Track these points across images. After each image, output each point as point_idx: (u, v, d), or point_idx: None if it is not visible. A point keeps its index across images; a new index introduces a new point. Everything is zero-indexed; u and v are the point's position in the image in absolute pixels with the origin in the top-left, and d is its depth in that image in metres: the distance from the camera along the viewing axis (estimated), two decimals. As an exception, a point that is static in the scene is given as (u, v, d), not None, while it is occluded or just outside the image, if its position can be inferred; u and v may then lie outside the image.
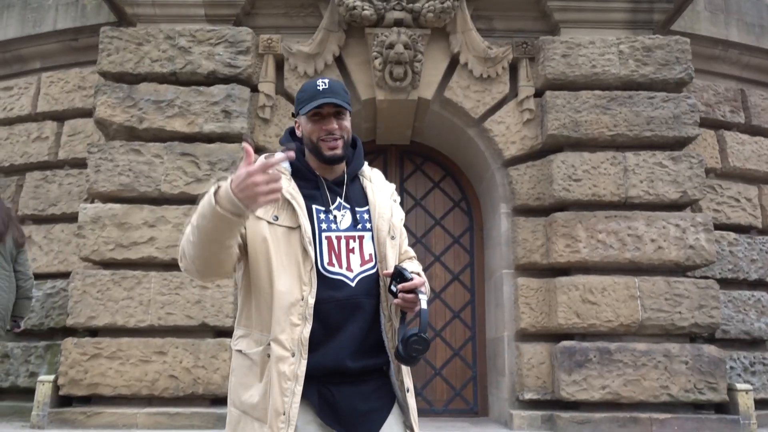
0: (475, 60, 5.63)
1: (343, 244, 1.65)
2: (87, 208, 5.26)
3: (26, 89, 6.44)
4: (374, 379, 1.65)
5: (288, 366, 1.53)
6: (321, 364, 1.57)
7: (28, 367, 5.57)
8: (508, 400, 5.32)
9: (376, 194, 1.77)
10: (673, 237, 5.25)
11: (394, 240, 1.72)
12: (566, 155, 5.45)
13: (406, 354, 1.53)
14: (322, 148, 1.69)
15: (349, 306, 1.61)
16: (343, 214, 1.69)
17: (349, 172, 1.77)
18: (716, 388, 5.01)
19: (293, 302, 1.56)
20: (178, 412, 4.86)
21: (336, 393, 1.58)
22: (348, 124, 1.74)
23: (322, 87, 1.71)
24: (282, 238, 1.61)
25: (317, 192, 1.70)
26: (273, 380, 1.54)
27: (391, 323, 1.65)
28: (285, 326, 1.55)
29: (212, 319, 5.04)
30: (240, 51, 5.50)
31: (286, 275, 1.58)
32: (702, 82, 6.27)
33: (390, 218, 1.73)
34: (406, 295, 1.57)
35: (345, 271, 1.63)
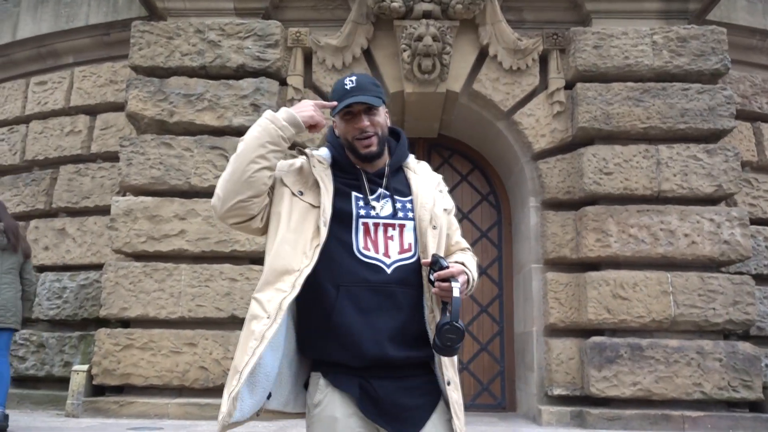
0: (505, 52, 5.57)
1: (381, 230, 1.65)
2: (119, 201, 5.34)
3: (60, 84, 6.56)
4: (419, 374, 1.63)
5: (260, 326, 1.53)
6: (359, 354, 1.56)
7: (63, 357, 5.69)
8: (536, 396, 5.28)
9: (420, 184, 1.76)
10: (707, 232, 5.14)
11: (436, 230, 1.70)
12: (597, 148, 5.36)
13: (442, 343, 1.51)
14: (358, 147, 1.70)
15: (383, 292, 1.59)
16: (383, 203, 1.69)
17: (390, 163, 1.76)
18: (751, 386, 4.91)
19: (288, 270, 1.57)
20: (207, 403, 4.92)
21: (378, 387, 1.57)
22: (381, 119, 1.73)
23: (350, 85, 1.71)
24: (299, 212, 1.63)
25: (357, 182, 1.70)
26: (242, 338, 1.56)
27: (433, 315, 1.63)
28: (271, 290, 1.56)
29: (241, 311, 5.08)
30: (269, 44, 5.51)
31: (290, 245, 1.59)
32: (738, 73, 6.11)
33: (432, 208, 1.72)
34: (441, 283, 1.55)
35: (381, 257, 1.62)
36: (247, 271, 5.16)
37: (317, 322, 1.61)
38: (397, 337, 1.58)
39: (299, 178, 1.68)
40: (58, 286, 5.91)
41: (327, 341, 1.58)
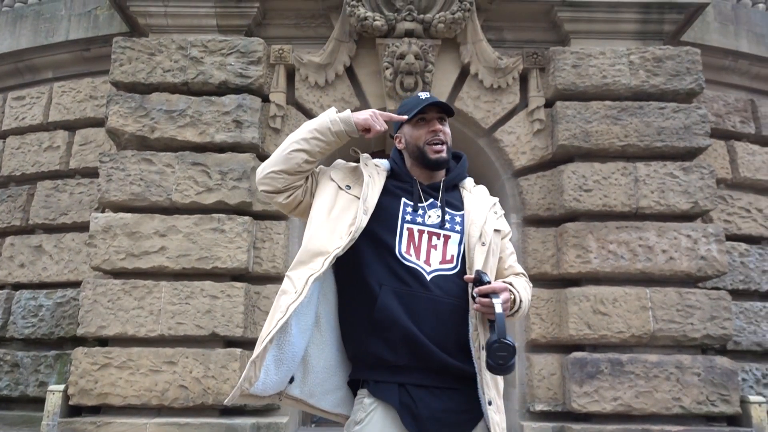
0: (486, 70, 5.64)
1: (425, 238, 1.67)
2: (98, 218, 5.28)
3: (38, 99, 6.49)
4: (460, 390, 1.63)
5: (287, 300, 1.56)
6: (399, 348, 1.56)
7: (38, 377, 5.57)
8: (518, 412, 5.29)
9: (474, 203, 1.79)
10: (684, 248, 5.23)
11: (484, 246, 1.71)
12: (577, 165, 5.44)
13: (494, 362, 1.51)
14: (428, 152, 1.74)
15: (424, 300, 1.61)
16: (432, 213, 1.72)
17: (447, 180, 1.80)
18: (729, 401, 4.98)
19: (321, 251, 1.60)
20: (187, 422, 4.84)
21: (418, 400, 1.57)
22: (449, 132, 1.79)
23: (425, 96, 1.79)
24: (342, 203, 1.69)
25: (410, 189, 1.74)
26: (270, 311, 1.58)
27: (477, 332, 1.63)
28: (303, 267, 1.59)
29: (222, 328, 5.03)
30: (251, 61, 5.52)
31: (328, 230, 1.63)
32: (712, 93, 6.27)
33: (483, 225, 1.74)
34: (482, 299, 1.55)
35: (422, 264, 1.64)
36: (229, 288, 5.12)
37: (359, 316, 1.62)
38: (435, 340, 1.59)
39: (350, 176, 1.76)
40: (34, 304, 5.80)
41: (367, 335, 1.59)
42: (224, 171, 5.31)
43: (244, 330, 5.06)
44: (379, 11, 5.46)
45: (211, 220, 5.22)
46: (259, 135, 5.45)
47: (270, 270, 5.32)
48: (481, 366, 1.62)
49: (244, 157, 5.36)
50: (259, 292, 5.28)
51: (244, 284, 5.15)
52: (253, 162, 5.37)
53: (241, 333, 5.04)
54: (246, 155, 5.38)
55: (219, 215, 5.24)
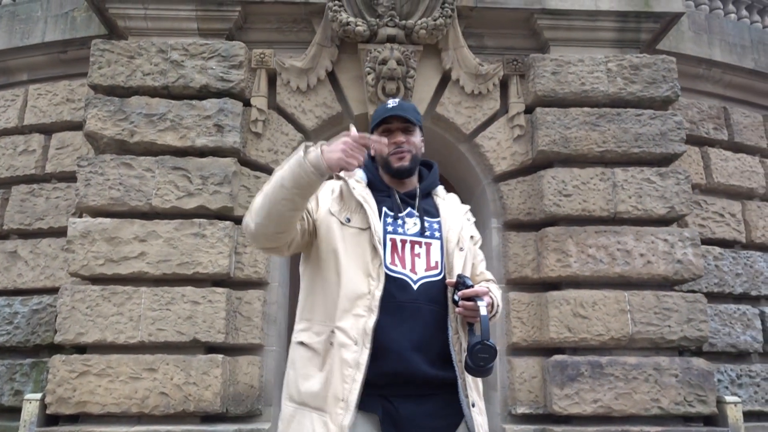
0: (467, 76, 5.70)
1: (408, 247, 1.68)
2: (76, 223, 5.19)
3: (13, 101, 6.37)
4: (441, 395, 1.65)
5: (351, 353, 1.54)
6: (383, 369, 1.56)
7: (13, 386, 5.45)
8: (500, 415, 5.33)
9: (448, 209, 1.82)
10: (661, 251, 5.33)
11: (462, 252, 1.75)
12: (556, 171, 5.52)
13: (474, 364, 1.53)
14: (391, 161, 1.75)
15: (410, 309, 1.62)
16: (412, 221, 1.73)
17: (422, 187, 1.82)
18: (705, 401, 5.08)
19: (360, 294, 1.59)
20: (168, 429, 4.78)
21: (401, 408, 1.58)
22: (417, 140, 1.80)
23: (392, 105, 1.80)
24: (352, 238, 1.65)
25: (389, 200, 1.74)
26: (335, 367, 1.55)
27: (458, 335, 1.65)
28: (350, 316, 1.57)
29: (204, 335, 4.99)
30: (233, 65, 5.50)
31: (354, 270, 1.61)
32: (686, 100, 6.41)
33: (460, 231, 1.77)
34: (465, 302, 1.58)
35: (409, 272, 1.65)
36: (210, 294, 5.07)
37: None
38: (420, 354, 1.60)
39: (343, 205, 1.71)
40: (9, 312, 5.68)
41: None
42: (205, 176, 5.27)
43: (226, 336, 5.02)
44: (361, 17, 5.48)
45: (192, 225, 5.18)
46: (240, 139, 5.42)
47: (252, 275, 5.29)
48: (462, 369, 1.64)
49: (225, 162, 5.33)
50: (240, 297, 5.25)
51: (226, 290, 5.11)
52: (234, 166, 5.33)
53: (222, 339, 4.99)
54: (227, 159, 5.34)
55: (200, 220, 5.20)
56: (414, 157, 1.80)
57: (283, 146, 5.60)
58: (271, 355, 5.33)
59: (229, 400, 5.04)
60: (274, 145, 5.60)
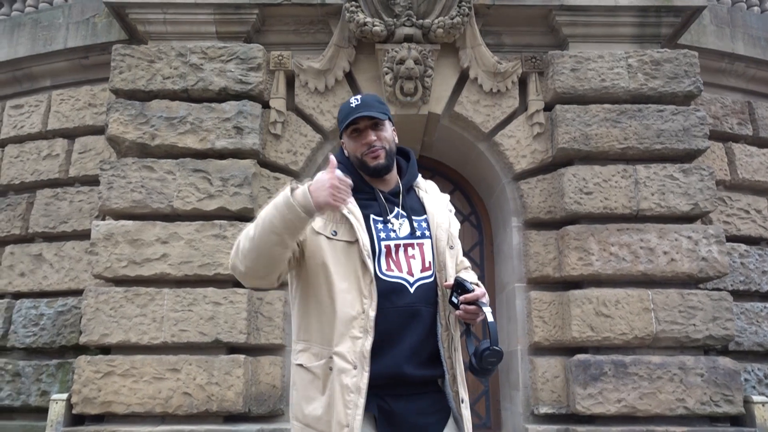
0: (485, 75, 5.67)
1: (402, 251, 1.67)
2: (99, 225, 5.26)
3: (36, 107, 6.48)
4: (430, 392, 1.66)
5: (350, 378, 1.54)
6: (379, 373, 1.57)
7: (40, 386, 5.54)
8: (522, 415, 5.29)
9: (433, 204, 1.80)
10: (685, 249, 5.26)
11: (453, 250, 1.74)
12: (577, 168, 5.46)
13: (481, 367, 1.54)
14: (367, 161, 1.73)
15: (408, 313, 1.62)
16: (401, 223, 1.72)
17: (404, 183, 1.80)
18: (732, 401, 4.99)
19: (354, 316, 1.58)
20: (192, 429, 4.83)
21: (394, 407, 1.59)
22: (388, 134, 1.77)
23: (355, 104, 1.75)
24: (341, 253, 1.63)
25: (374, 203, 1.72)
26: (336, 393, 1.55)
27: (448, 333, 1.66)
28: (346, 339, 1.57)
29: (225, 335, 5.02)
30: (251, 67, 5.53)
31: (346, 290, 1.60)
32: (709, 95, 6.31)
33: (448, 228, 1.76)
34: (467, 306, 1.57)
35: (405, 275, 1.64)
36: (231, 295, 5.11)
37: None
38: (414, 356, 1.61)
39: (327, 217, 1.68)
40: (35, 313, 5.77)
41: None
42: (225, 177, 5.31)
43: (248, 336, 5.05)
44: (378, 17, 5.48)
45: (212, 227, 5.22)
46: (259, 141, 5.45)
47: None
48: (452, 364, 1.65)
49: (245, 164, 5.36)
50: (261, 297, 5.27)
51: (247, 290, 5.14)
52: (254, 168, 5.37)
53: (244, 339, 5.03)
54: (247, 161, 5.38)
55: (220, 221, 5.24)
56: (388, 153, 1.76)
57: (302, 147, 5.62)
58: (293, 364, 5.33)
59: (252, 400, 5.07)
60: (293, 147, 5.62)
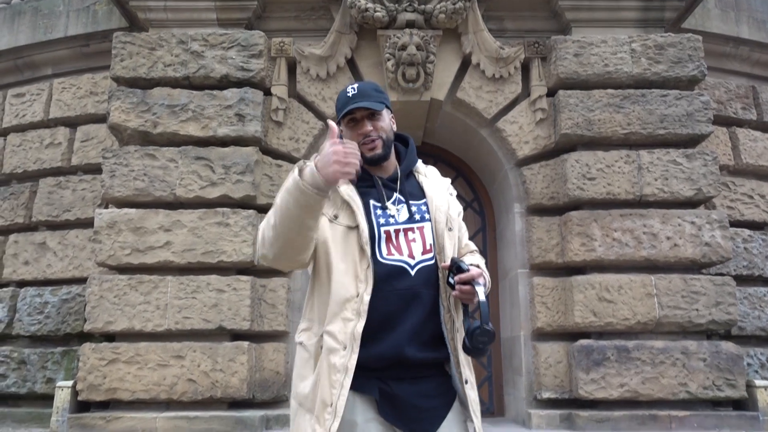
0: (487, 60, 5.64)
1: (402, 236, 1.67)
2: (102, 214, 5.27)
3: (38, 96, 6.47)
4: (434, 375, 1.66)
5: (338, 358, 1.55)
6: (380, 355, 1.57)
7: (45, 373, 5.58)
8: (525, 400, 5.32)
9: (433, 188, 1.80)
10: (688, 234, 5.25)
11: (452, 231, 1.74)
12: (580, 154, 5.45)
13: (473, 346, 1.55)
14: (363, 152, 1.71)
15: (409, 296, 1.62)
16: (399, 208, 1.72)
17: (402, 168, 1.80)
18: (735, 385, 5.01)
19: (348, 298, 1.58)
20: (197, 416, 4.86)
21: (396, 390, 1.59)
22: (385, 123, 1.77)
23: (352, 93, 1.75)
24: (340, 237, 1.64)
25: (373, 189, 1.72)
26: (323, 371, 1.56)
27: (450, 315, 1.66)
28: (338, 320, 1.57)
29: (229, 322, 5.04)
30: (252, 54, 5.51)
31: (343, 271, 1.60)
32: (713, 80, 6.27)
33: (447, 210, 1.76)
34: (462, 286, 1.57)
35: (407, 258, 1.64)
36: (235, 282, 5.12)
37: None
38: (415, 338, 1.61)
39: (329, 201, 1.68)
40: (40, 301, 5.80)
41: None
42: (228, 165, 5.31)
43: (251, 323, 5.07)
44: (379, 2, 5.44)
45: (215, 214, 5.22)
46: (261, 128, 5.44)
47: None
48: (455, 346, 1.65)
49: (247, 151, 5.36)
50: (265, 285, 5.29)
51: (250, 278, 5.16)
52: (256, 155, 5.36)
53: (248, 326, 5.05)
54: (249, 149, 5.37)
55: (223, 209, 5.24)
56: (385, 142, 1.76)
57: (304, 134, 5.61)
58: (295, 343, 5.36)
59: (256, 386, 5.10)
60: (295, 134, 5.61)
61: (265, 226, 1.65)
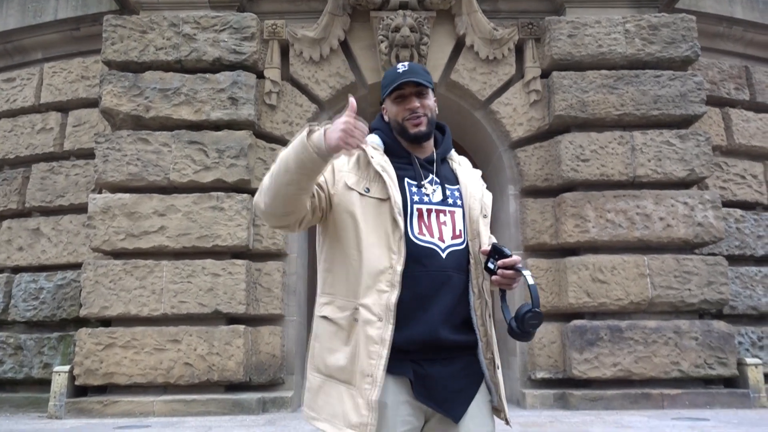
0: (481, 42, 5.61)
1: (434, 216, 1.68)
2: (96, 199, 5.26)
3: (29, 80, 6.41)
4: (463, 357, 1.68)
5: (375, 330, 1.56)
6: (413, 337, 1.58)
7: (42, 359, 5.59)
8: (519, 380, 5.37)
9: (466, 175, 1.81)
10: (681, 215, 5.28)
11: (487, 218, 1.75)
12: (574, 135, 5.45)
13: (522, 330, 1.56)
14: (408, 127, 1.73)
15: (440, 278, 1.63)
16: (434, 189, 1.72)
17: (439, 152, 1.80)
18: (726, 363, 5.07)
19: (382, 270, 1.59)
20: (194, 399, 4.90)
21: (430, 370, 1.61)
22: (431, 103, 1.77)
23: (402, 69, 1.75)
24: (372, 209, 1.64)
25: (410, 167, 1.73)
26: (360, 344, 1.57)
27: (481, 300, 1.67)
28: (373, 292, 1.58)
29: (225, 306, 5.06)
30: (245, 37, 5.47)
31: (375, 244, 1.61)
32: (707, 60, 6.27)
33: (481, 198, 1.77)
34: (505, 271, 1.58)
35: (437, 241, 1.65)
36: (230, 266, 5.13)
37: None
38: (448, 320, 1.62)
39: (360, 174, 1.68)
40: (35, 287, 5.79)
41: None
42: (221, 149, 5.29)
43: (247, 307, 5.09)
44: (372, -17, 5.40)
45: (209, 199, 5.22)
46: (255, 112, 5.42)
47: (270, 247, 5.34)
48: (486, 332, 1.67)
49: (240, 135, 5.34)
50: (260, 269, 5.30)
51: (245, 261, 5.17)
52: (249, 139, 5.34)
53: (243, 310, 5.06)
54: (242, 132, 5.35)
55: (218, 193, 5.24)
56: (430, 120, 1.77)
57: (298, 118, 5.59)
58: (291, 325, 5.40)
59: (252, 369, 5.13)
60: (288, 117, 5.59)
61: (266, 175, 1.67)
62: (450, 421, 1.63)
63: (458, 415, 1.63)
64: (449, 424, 1.63)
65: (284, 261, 5.46)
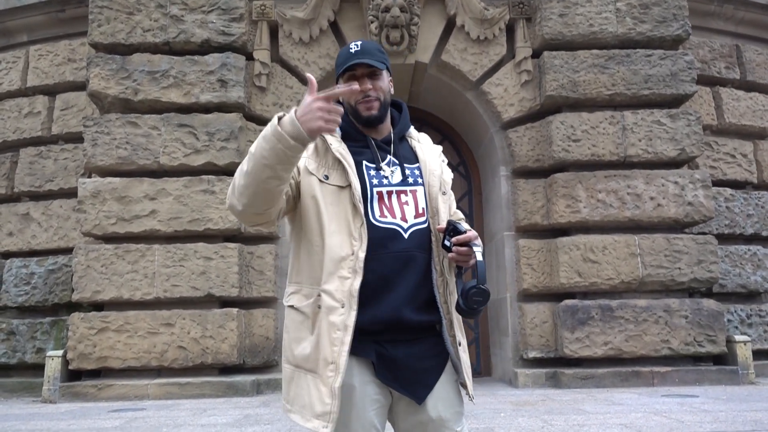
0: (472, 22, 5.58)
1: (395, 197, 1.67)
2: (86, 183, 5.22)
3: (15, 63, 6.32)
4: (428, 337, 1.68)
5: (338, 316, 1.55)
6: (377, 318, 1.58)
7: (35, 344, 5.59)
8: (512, 360, 5.42)
9: (425, 153, 1.79)
10: (671, 194, 5.30)
11: (446, 195, 1.74)
12: (565, 116, 5.45)
13: (467, 306, 1.55)
14: (360, 110, 1.70)
15: (403, 258, 1.62)
16: (393, 170, 1.71)
17: (396, 132, 1.78)
18: (715, 341, 5.13)
19: (343, 256, 1.58)
20: (188, 381, 4.91)
21: (393, 352, 1.61)
22: (384, 85, 1.74)
23: (354, 50, 1.71)
24: (332, 197, 1.63)
25: (367, 150, 1.71)
26: (323, 330, 1.57)
27: (443, 278, 1.67)
28: (335, 279, 1.58)
29: (218, 289, 5.06)
30: (233, 18, 5.41)
31: (336, 231, 1.60)
32: (697, 39, 6.26)
33: (440, 175, 1.76)
34: (459, 248, 1.58)
35: (399, 221, 1.65)
36: (222, 249, 5.12)
37: None
38: (412, 301, 1.62)
39: (320, 161, 1.66)
40: (26, 272, 5.77)
41: None
42: (211, 132, 5.25)
43: (240, 290, 5.09)
44: (362, -37, 5.34)
45: (200, 182, 5.19)
46: (244, 94, 5.38)
47: (262, 230, 5.33)
48: (448, 309, 1.67)
49: (230, 117, 5.30)
50: (252, 252, 5.30)
51: (238, 245, 5.16)
52: (240, 122, 5.31)
53: (236, 293, 5.07)
54: (233, 115, 5.31)
55: (208, 177, 5.21)
56: (383, 103, 1.74)
57: (288, 100, 5.55)
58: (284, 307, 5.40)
59: (246, 352, 5.15)
60: (278, 99, 5.55)
61: (237, 175, 1.63)
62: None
63: (422, 397, 1.63)
64: (416, 405, 1.65)
65: (276, 244, 5.45)
